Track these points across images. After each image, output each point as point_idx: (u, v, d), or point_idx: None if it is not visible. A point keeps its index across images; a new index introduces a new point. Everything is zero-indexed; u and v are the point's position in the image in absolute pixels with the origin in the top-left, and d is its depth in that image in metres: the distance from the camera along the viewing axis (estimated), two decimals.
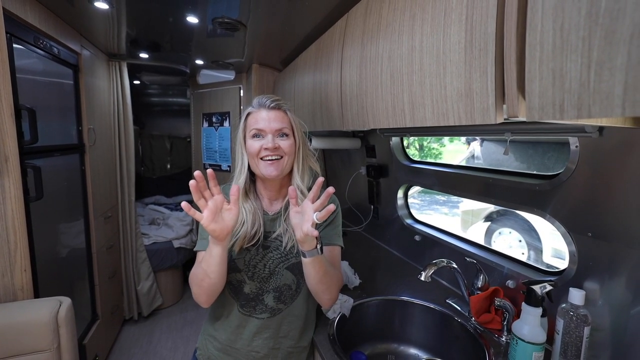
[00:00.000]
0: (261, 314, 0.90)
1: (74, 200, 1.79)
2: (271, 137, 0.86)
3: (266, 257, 0.90)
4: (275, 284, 0.90)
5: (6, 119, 1.16)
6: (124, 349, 2.29)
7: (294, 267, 0.91)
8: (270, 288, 0.90)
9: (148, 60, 2.42)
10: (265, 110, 0.88)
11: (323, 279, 0.82)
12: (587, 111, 0.40)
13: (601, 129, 0.74)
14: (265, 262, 0.90)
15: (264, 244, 0.90)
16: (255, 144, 0.87)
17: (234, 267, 0.89)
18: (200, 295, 0.84)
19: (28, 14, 1.30)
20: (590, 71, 0.39)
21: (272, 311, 0.90)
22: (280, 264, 0.90)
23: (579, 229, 0.84)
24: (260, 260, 0.90)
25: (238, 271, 0.90)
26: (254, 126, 0.87)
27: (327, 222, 0.94)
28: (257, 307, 0.90)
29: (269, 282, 0.90)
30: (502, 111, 0.54)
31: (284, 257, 0.90)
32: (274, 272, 0.90)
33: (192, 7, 1.42)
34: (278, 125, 0.87)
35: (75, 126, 1.80)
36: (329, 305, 0.91)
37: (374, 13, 0.89)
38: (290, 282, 0.91)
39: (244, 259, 0.89)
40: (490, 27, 0.52)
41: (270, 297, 0.90)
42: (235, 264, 0.89)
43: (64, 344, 1.17)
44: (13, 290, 1.24)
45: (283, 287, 0.91)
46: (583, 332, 0.76)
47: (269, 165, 0.86)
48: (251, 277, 0.89)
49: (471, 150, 4.09)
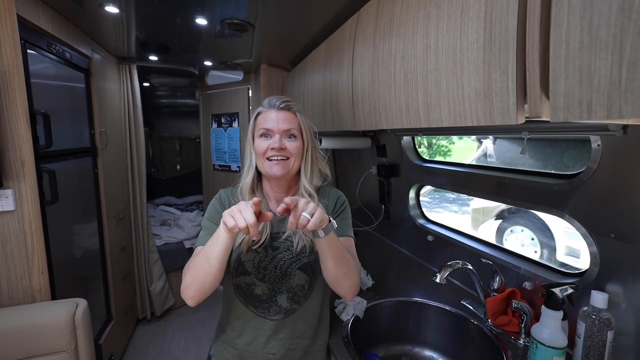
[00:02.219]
0: (275, 315, 0.89)
1: (88, 202, 1.82)
2: (278, 138, 0.86)
3: (276, 258, 0.89)
4: (288, 284, 0.89)
5: (22, 124, 1.18)
6: (138, 348, 2.32)
7: (306, 267, 0.90)
8: (284, 289, 0.89)
9: (157, 63, 2.44)
10: (274, 111, 0.88)
11: (341, 260, 0.79)
12: (617, 111, 0.38)
13: (625, 127, 0.72)
14: (276, 263, 0.89)
15: (273, 245, 0.90)
16: (263, 143, 0.87)
17: (242, 270, 0.88)
18: (190, 286, 0.79)
19: (41, 20, 1.32)
20: (622, 69, 0.37)
21: (286, 312, 0.90)
22: (292, 264, 0.89)
23: (600, 230, 0.82)
24: (271, 261, 0.89)
25: (247, 274, 0.89)
26: (262, 125, 0.88)
27: (336, 213, 0.94)
28: (270, 309, 0.90)
29: (282, 283, 0.89)
30: (524, 111, 0.53)
31: (296, 257, 0.90)
32: (286, 272, 0.89)
33: (201, 9, 1.42)
34: (286, 125, 0.87)
35: (88, 129, 1.82)
36: (351, 293, 0.86)
37: (386, 11, 0.88)
38: (304, 282, 0.90)
39: (253, 261, 0.89)
40: (511, 24, 0.51)
41: (283, 297, 0.89)
42: (244, 266, 0.88)
43: (81, 344, 1.19)
44: (31, 292, 1.27)
45: (296, 288, 0.90)
46: (606, 337, 0.74)
47: (274, 164, 0.86)
48: (262, 279, 0.89)
49: (484, 149, 4.01)
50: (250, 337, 0.90)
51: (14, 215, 1.21)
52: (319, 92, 1.46)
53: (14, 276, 1.24)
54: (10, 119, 1.16)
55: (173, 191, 3.80)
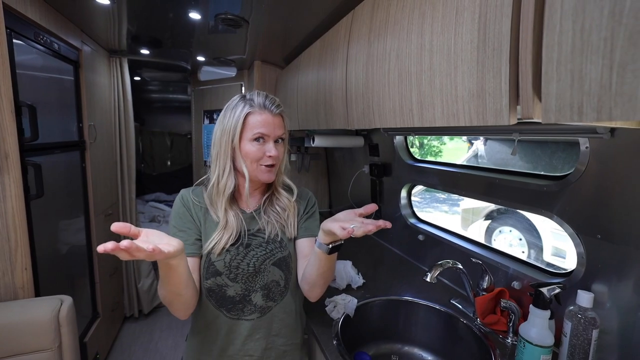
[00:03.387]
0: (250, 314, 0.87)
1: (75, 197, 1.78)
2: (273, 144, 0.85)
3: (249, 255, 0.87)
4: (263, 281, 0.88)
5: (6, 116, 1.15)
6: (125, 346, 2.29)
7: (280, 263, 0.89)
8: (258, 287, 0.87)
9: (149, 57, 2.40)
10: (270, 115, 0.85)
11: (327, 273, 0.84)
12: (607, 114, 0.39)
13: (613, 130, 0.73)
14: (248, 261, 0.86)
15: (245, 242, 0.87)
16: (258, 149, 0.84)
17: (213, 271, 0.85)
18: (177, 311, 0.80)
19: (28, 9, 1.29)
20: (613, 73, 0.38)
21: (261, 310, 0.88)
22: (266, 261, 0.87)
23: (587, 230, 0.83)
24: (243, 259, 0.86)
25: (218, 275, 0.85)
26: (257, 129, 0.84)
27: (307, 214, 0.95)
28: (245, 309, 0.87)
29: (255, 281, 0.87)
30: (516, 112, 0.53)
31: (269, 253, 0.88)
32: (260, 269, 0.87)
33: (195, 2, 1.40)
34: (280, 131, 0.87)
35: (76, 123, 1.78)
36: (315, 299, 0.92)
37: (381, 10, 0.88)
38: (278, 279, 0.89)
39: (224, 260, 0.85)
40: (505, 27, 0.51)
41: (258, 295, 0.88)
42: (214, 267, 0.85)
43: (65, 342, 1.17)
44: (14, 289, 1.23)
45: (271, 284, 0.88)
46: (591, 335, 0.75)
47: (267, 171, 0.86)
48: (234, 278, 0.86)
49: (474, 150, 4.06)
50: (226, 340, 0.88)
51: None
52: (312, 90, 1.46)
53: None
54: None
55: (163, 187, 3.75)
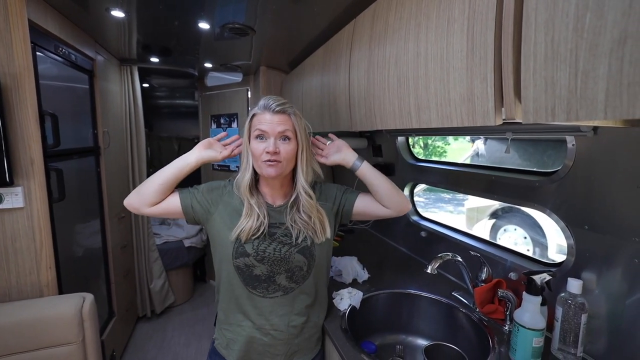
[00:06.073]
0: (274, 292, 0.95)
1: (91, 201, 1.86)
2: (273, 140, 0.90)
3: (273, 243, 0.94)
4: (287, 266, 0.94)
5: (32, 124, 1.23)
6: (139, 345, 2.36)
7: (304, 251, 0.95)
8: (282, 270, 0.94)
9: (158, 64, 2.48)
10: (269, 114, 0.91)
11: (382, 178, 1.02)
12: (575, 115, 0.45)
13: (595, 129, 0.79)
14: (274, 247, 0.94)
15: (271, 232, 0.94)
16: (259, 146, 0.91)
17: (242, 252, 0.92)
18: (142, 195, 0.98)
19: (49, 23, 1.37)
20: (577, 80, 0.44)
21: (285, 289, 0.95)
22: (291, 249, 0.94)
23: (576, 222, 0.89)
24: (269, 245, 0.94)
25: (247, 255, 0.93)
26: (257, 127, 0.91)
27: (342, 199, 1.05)
28: (269, 288, 0.95)
29: (280, 265, 0.94)
30: (501, 114, 0.59)
31: (294, 244, 0.95)
32: (285, 256, 0.94)
33: (203, 13, 1.47)
34: (281, 128, 0.90)
35: (91, 129, 1.87)
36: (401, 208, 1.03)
37: (380, 20, 0.95)
38: (302, 264, 0.95)
39: (252, 243, 0.93)
40: (489, 38, 0.58)
41: (282, 277, 0.95)
42: (244, 248, 0.92)
43: (88, 337, 1.24)
44: (39, 286, 1.31)
45: (295, 269, 0.95)
46: (581, 319, 0.81)
47: (268, 166, 0.91)
48: (261, 260, 0.93)
49: (475, 149, 4.14)
50: (252, 315, 0.96)
51: (24, 212, 1.26)
52: (317, 94, 1.52)
53: (23, 271, 1.29)
54: (21, 119, 1.21)
55: None
